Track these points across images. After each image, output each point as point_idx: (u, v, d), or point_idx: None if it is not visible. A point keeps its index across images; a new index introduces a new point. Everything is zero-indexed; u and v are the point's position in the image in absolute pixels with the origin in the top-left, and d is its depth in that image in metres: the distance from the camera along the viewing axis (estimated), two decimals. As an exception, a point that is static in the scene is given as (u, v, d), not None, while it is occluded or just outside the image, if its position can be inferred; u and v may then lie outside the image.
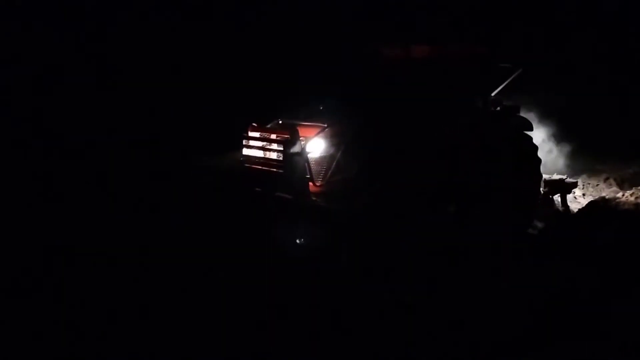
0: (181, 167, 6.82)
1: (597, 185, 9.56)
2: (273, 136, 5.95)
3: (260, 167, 6.01)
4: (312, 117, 6.48)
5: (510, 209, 7.14)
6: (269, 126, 6.48)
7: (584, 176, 9.83)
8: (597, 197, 8.39)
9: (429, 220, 6.47)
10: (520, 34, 10.10)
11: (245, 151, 6.17)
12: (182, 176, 6.71)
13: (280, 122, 6.55)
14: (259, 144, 6.02)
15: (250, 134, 6.21)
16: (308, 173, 5.83)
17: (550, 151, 9.46)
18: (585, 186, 9.53)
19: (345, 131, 6.16)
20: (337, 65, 7.25)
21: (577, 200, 9.02)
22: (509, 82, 7.87)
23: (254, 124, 6.27)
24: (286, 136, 5.75)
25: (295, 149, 5.70)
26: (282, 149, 5.72)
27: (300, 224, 5.56)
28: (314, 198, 5.97)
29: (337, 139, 6.10)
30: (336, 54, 7.54)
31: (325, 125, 6.02)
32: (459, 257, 6.19)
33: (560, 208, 8.57)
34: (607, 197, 8.00)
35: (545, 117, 9.37)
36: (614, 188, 9.31)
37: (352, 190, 6.08)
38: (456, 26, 8.12)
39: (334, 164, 6.05)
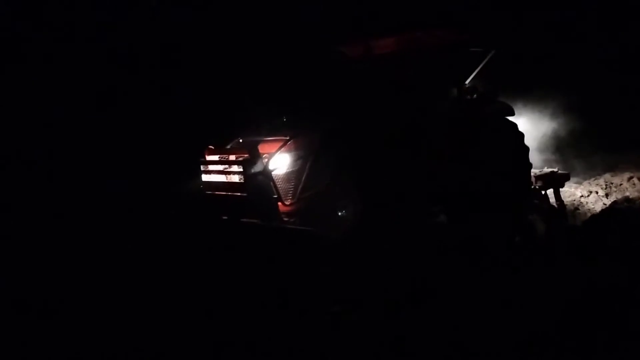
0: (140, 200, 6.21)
1: (621, 184, 8.91)
2: (232, 157, 5.42)
3: (222, 192, 5.48)
4: (276, 130, 5.95)
5: (499, 204, 6.66)
6: (228, 147, 5.96)
7: (607, 175, 9.19)
8: (619, 198, 7.93)
9: (418, 225, 6.01)
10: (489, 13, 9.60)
11: (205, 177, 5.64)
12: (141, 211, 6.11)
13: (241, 140, 6.02)
14: (219, 167, 5.49)
15: (208, 157, 5.69)
16: (275, 193, 5.32)
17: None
18: (608, 186, 8.88)
19: (312, 141, 5.65)
20: (297, 70, 6.74)
21: (601, 200, 8.49)
22: (482, 67, 7.43)
23: (210, 147, 5.74)
24: (245, 156, 5.23)
25: (257, 168, 5.17)
26: (242, 170, 5.19)
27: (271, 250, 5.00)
28: (286, 219, 5.47)
29: (304, 151, 5.58)
30: (295, 58, 7.02)
31: (288, 138, 5.51)
32: (456, 259, 5.74)
33: (555, 203, 8.08)
34: (630, 197, 7.59)
35: (561, 110, 8.95)
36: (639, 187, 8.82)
37: (327, 205, 5.59)
38: (419, 12, 7.56)
39: (303, 178, 5.55)
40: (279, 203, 5.36)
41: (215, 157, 5.61)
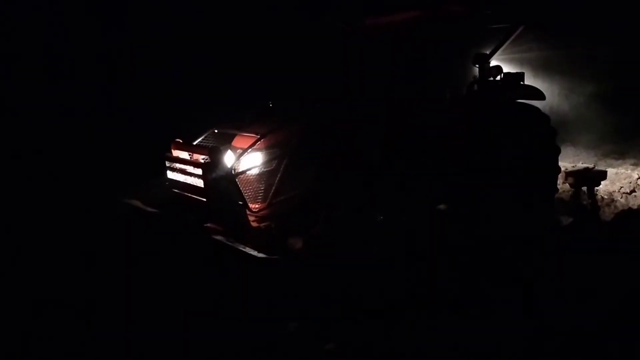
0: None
1: None
2: (194, 157, 4.88)
3: (186, 193, 4.98)
4: (255, 123, 5.33)
5: (520, 203, 5.88)
6: (203, 137, 5.41)
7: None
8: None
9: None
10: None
11: (170, 174, 5.14)
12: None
13: (216, 131, 5.45)
14: (180, 166, 4.96)
15: (174, 152, 5.17)
16: (240, 199, 4.76)
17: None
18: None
19: (288, 138, 5.02)
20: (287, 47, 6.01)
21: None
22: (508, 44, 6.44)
23: (178, 140, 5.21)
24: (206, 157, 4.68)
25: (219, 172, 4.61)
26: (201, 174, 4.65)
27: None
28: (255, 224, 4.93)
29: (278, 150, 4.97)
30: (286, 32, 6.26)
31: (259, 136, 4.89)
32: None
33: (586, 202, 7.12)
34: None
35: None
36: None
37: (303, 211, 5.00)
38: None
39: (277, 180, 4.96)
40: (248, 208, 4.82)
41: (181, 153, 5.09)
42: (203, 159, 4.71)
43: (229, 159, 4.77)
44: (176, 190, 5.09)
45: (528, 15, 6.18)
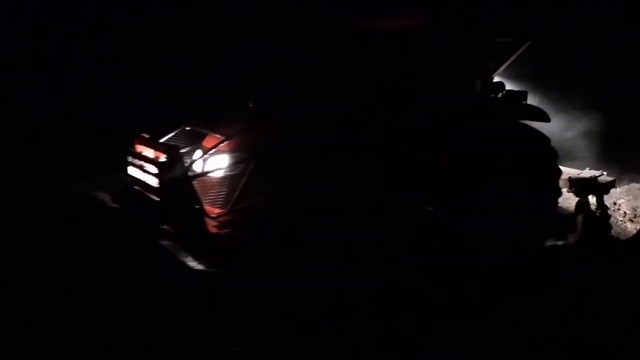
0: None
1: None
2: (152, 154, 4.60)
3: (144, 191, 4.71)
4: (227, 122, 5.04)
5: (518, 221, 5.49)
6: (172, 135, 5.14)
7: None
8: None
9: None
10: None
11: (130, 170, 4.88)
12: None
13: (188, 129, 5.18)
14: (139, 163, 4.69)
15: (137, 148, 4.91)
16: (198, 201, 4.46)
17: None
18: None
19: (257, 142, 4.71)
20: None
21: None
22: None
23: (143, 135, 4.94)
24: (163, 156, 4.40)
25: (176, 171, 4.33)
26: (157, 173, 4.37)
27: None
28: (216, 230, 4.62)
29: (245, 153, 4.66)
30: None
31: (224, 138, 4.59)
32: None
33: (597, 212, 6.65)
34: None
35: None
36: None
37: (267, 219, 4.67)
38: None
39: (241, 185, 4.64)
40: (206, 213, 4.52)
41: (145, 149, 4.82)
42: (159, 158, 4.43)
43: (192, 159, 4.49)
44: (137, 188, 4.84)
45: (535, 31, 5.76)
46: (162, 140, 5.02)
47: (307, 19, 5.93)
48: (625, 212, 6.93)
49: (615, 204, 7.41)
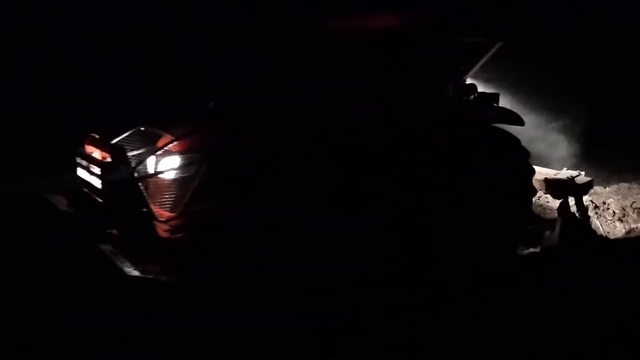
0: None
1: None
2: (95, 154, 4.41)
3: (92, 194, 4.51)
4: (187, 122, 4.85)
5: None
6: (125, 135, 4.93)
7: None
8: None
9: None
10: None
11: (79, 171, 4.68)
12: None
13: (143, 129, 4.98)
14: (85, 163, 4.50)
15: (87, 149, 4.71)
16: (145, 204, 4.26)
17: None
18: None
19: (210, 143, 4.51)
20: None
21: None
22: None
23: (92, 135, 4.74)
24: (106, 157, 4.20)
25: (121, 174, 4.13)
26: (100, 174, 4.17)
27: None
28: (166, 235, 4.42)
29: (197, 155, 4.46)
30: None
31: (173, 138, 4.40)
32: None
33: (578, 214, 6.46)
34: None
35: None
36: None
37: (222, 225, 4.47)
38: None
39: (193, 188, 4.44)
40: (157, 216, 4.32)
41: (93, 150, 4.62)
42: (103, 159, 4.25)
43: (140, 160, 4.29)
44: (85, 190, 4.63)
45: (507, 32, 5.58)
46: (114, 140, 4.82)
47: (269, 19, 5.72)
48: (614, 212, 7.05)
49: (604, 203, 7.42)
